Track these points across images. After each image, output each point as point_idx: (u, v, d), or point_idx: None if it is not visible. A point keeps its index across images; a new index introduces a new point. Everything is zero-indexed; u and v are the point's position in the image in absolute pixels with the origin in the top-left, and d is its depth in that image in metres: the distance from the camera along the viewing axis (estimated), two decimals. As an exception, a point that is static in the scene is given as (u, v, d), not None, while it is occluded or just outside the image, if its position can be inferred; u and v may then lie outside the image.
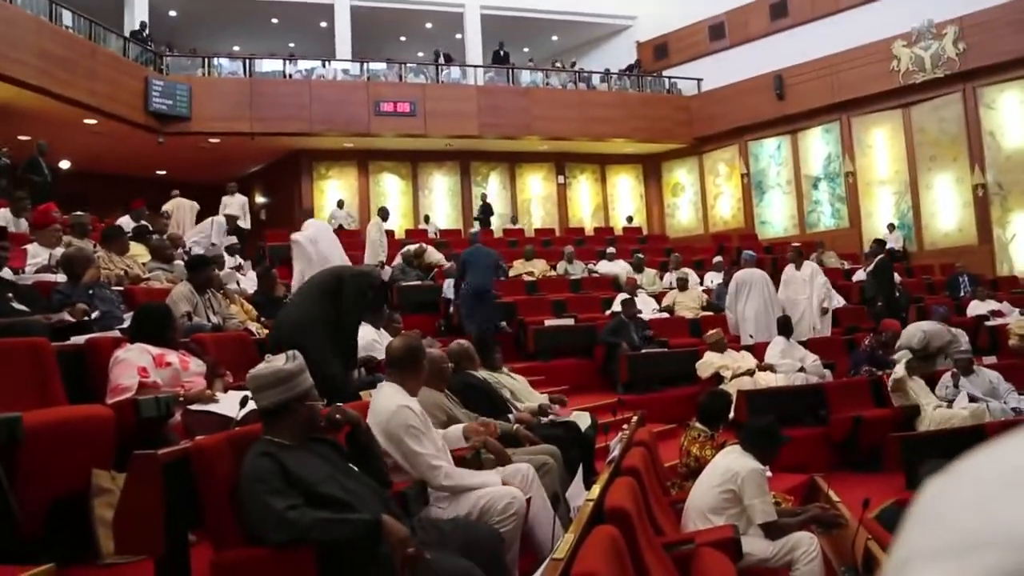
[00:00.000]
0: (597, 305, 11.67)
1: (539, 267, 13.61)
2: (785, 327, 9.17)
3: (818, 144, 19.28)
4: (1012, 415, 7.52)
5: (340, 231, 16.06)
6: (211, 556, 2.70)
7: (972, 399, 7.86)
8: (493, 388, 5.44)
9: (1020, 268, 15.93)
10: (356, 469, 2.97)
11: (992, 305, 12.27)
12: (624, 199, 22.38)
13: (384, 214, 12.78)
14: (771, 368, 8.62)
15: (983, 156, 16.65)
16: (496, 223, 19.60)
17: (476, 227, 17.60)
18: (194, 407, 4.05)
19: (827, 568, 4.17)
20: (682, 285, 12.05)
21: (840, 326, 11.26)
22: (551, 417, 5.38)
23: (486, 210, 18.75)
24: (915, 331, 9.29)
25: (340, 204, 17.83)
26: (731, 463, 4.25)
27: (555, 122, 19.50)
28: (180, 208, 13.33)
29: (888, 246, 13.48)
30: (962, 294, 13.54)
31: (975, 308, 12.27)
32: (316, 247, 8.27)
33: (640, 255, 14.02)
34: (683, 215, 22.07)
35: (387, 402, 3.46)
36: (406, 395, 3.52)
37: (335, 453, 2.96)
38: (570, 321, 10.49)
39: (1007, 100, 16.46)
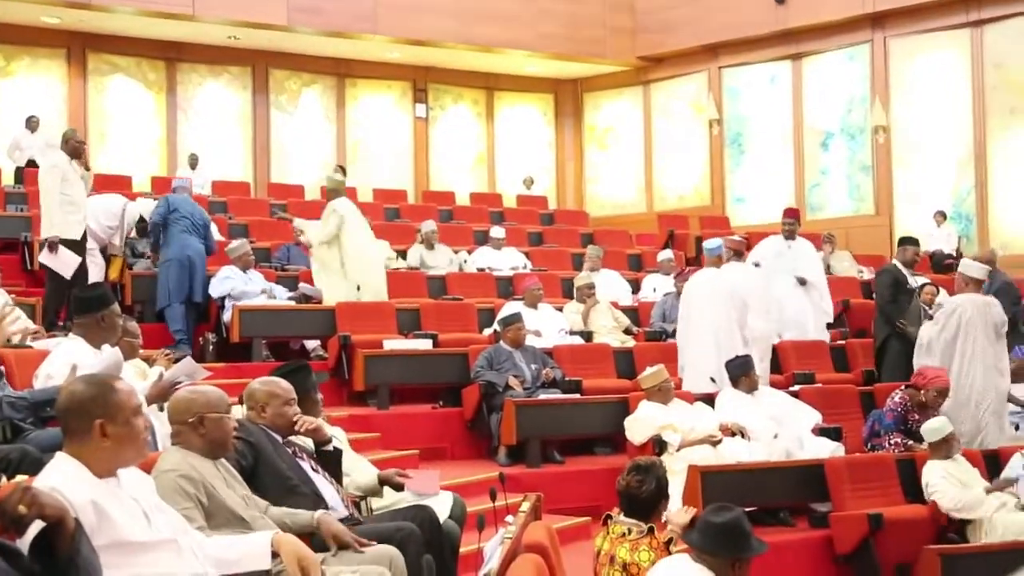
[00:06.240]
0: (471, 320, 11.75)
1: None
2: (741, 369, 9.28)
3: (835, 78, 19.91)
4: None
5: (32, 168, 15.10)
6: None
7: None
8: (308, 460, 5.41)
9: None
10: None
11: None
12: (522, 149, 22.64)
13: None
14: (743, 432, 8.80)
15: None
16: (311, 176, 19.27)
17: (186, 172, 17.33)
18: None
19: None
20: (583, 294, 12.15)
21: (852, 370, 11.56)
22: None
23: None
24: None
25: (31, 124, 16.96)
26: None
27: (415, 14, 19.54)
28: None
29: (933, 248, 13.39)
30: (1043, 330, 14.09)
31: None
32: None
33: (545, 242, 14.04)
34: (614, 180, 22.52)
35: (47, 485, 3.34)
36: (84, 474, 3.45)
37: (13, 571, 2.86)
38: (426, 344, 10.55)
39: None
